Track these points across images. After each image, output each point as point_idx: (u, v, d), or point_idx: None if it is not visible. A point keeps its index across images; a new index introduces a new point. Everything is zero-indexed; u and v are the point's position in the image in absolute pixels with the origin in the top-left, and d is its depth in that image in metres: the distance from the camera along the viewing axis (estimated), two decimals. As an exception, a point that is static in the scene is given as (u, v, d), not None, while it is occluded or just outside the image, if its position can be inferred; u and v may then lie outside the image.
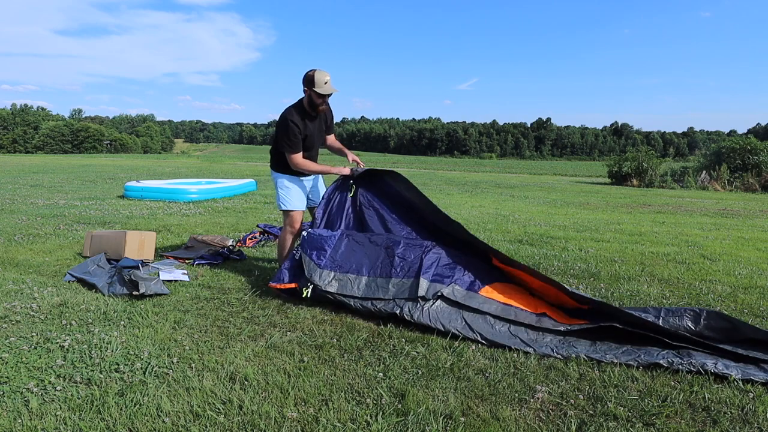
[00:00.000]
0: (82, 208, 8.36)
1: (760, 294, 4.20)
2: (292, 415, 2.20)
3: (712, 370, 2.61)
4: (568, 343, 2.94)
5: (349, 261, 3.58)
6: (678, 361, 2.68)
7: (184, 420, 2.16)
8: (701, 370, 2.62)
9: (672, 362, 2.68)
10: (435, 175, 25.22)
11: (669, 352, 2.77)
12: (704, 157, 22.38)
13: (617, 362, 2.73)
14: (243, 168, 25.02)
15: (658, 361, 2.69)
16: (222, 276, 4.35)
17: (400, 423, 2.18)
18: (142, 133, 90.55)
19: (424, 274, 3.36)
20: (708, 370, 2.61)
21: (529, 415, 2.27)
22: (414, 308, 3.22)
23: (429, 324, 3.13)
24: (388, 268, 3.45)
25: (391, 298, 3.31)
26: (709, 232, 7.59)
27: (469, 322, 3.10)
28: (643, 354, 2.77)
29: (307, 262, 3.64)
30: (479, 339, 3.00)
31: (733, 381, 2.55)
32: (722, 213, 10.60)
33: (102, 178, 15.79)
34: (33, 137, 68.33)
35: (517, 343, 2.94)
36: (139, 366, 2.60)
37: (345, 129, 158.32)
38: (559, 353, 2.83)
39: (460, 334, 3.04)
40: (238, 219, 7.69)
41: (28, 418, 2.13)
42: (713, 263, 5.36)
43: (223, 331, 3.13)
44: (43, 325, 3.11)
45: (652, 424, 2.21)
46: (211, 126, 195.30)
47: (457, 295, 3.26)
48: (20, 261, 4.70)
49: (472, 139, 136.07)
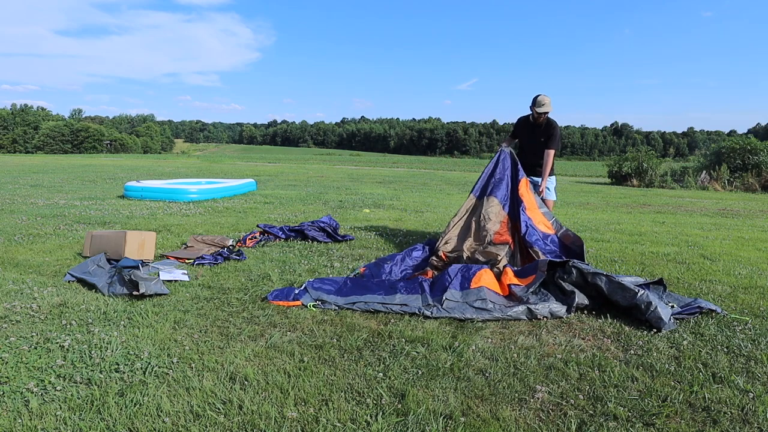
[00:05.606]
0: (82, 208, 8.36)
1: (760, 294, 4.20)
2: (292, 415, 2.20)
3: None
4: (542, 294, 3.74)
5: (358, 291, 3.89)
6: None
7: (184, 420, 2.16)
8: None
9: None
10: (435, 175, 25.21)
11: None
12: (704, 157, 22.38)
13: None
14: (243, 168, 25.02)
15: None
16: (222, 276, 4.35)
17: (400, 423, 2.18)
18: (142, 133, 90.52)
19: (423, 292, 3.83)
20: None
21: (529, 415, 2.27)
22: (428, 309, 3.53)
23: (448, 316, 3.48)
24: (392, 291, 3.82)
25: (398, 303, 3.64)
26: (709, 232, 7.59)
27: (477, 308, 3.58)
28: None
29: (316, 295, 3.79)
30: (489, 318, 3.45)
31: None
32: (722, 213, 10.60)
33: (102, 178, 15.79)
34: (33, 137, 68.29)
35: (517, 312, 3.49)
36: (139, 366, 2.60)
37: (345, 129, 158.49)
38: (537, 306, 3.53)
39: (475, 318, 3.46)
40: (238, 219, 7.69)
41: (28, 418, 2.13)
42: (713, 263, 5.36)
43: (223, 331, 3.13)
44: (43, 325, 3.12)
45: (652, 424, 2.21)
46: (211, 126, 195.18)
47: (456, 296, 3.66)
48: (20, 261, 4.70)
49: (472, 139, 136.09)
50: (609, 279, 3.60)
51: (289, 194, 12.04)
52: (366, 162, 44.15)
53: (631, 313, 3.47)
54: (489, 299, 3.61)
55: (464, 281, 3.82)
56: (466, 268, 3.99)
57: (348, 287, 3.87)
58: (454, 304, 3.57)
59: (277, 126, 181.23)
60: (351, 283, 3.98)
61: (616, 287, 3.54)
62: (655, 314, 3.30)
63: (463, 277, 3.86)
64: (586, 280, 3.67)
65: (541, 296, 3.71)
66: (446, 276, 3.92)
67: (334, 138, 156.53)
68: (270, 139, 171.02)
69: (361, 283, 3.98)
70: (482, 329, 3.26)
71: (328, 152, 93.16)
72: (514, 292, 3.79)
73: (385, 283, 4.02)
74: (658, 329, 3.26)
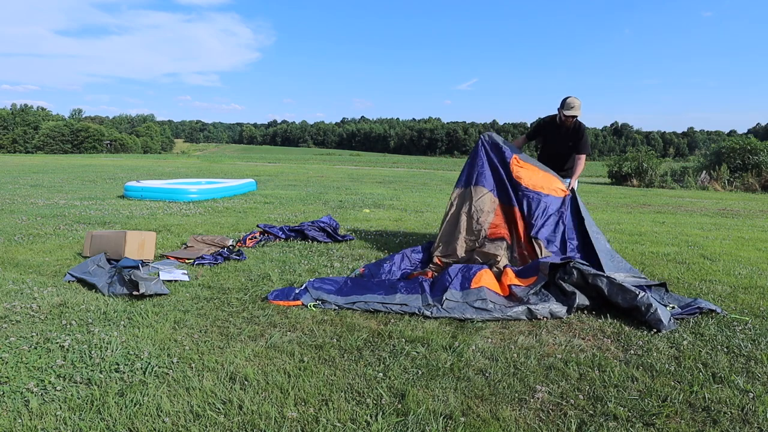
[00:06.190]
0: (82, 208, 8.36)
1: (760, 294, 4.20)
2: (292, 415, 2.20)
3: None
4: (541, 294, 3.75)
5: (358, 291, 3.88)
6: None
7: (184, 420, 2.16)
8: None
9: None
10: (435, 175, 25.19)
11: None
12: (704, 157, 22.37)
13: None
14: (243, 168, 25.02)
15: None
16: (222, 276, 4.35)
17: (400, 423, 2.18)
18: (142, 133, 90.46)
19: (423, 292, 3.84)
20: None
21: (529, 415, 2.27)
22: (428, 309, 3.53)
23: (448, 316, 3.48)
24: (392, 291, 3.82)
25: (398, 303, 3.64)
26: (709, 232, 7.59)
27: (476, 308, 3.58)
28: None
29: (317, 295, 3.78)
30: (489, 318, 3.45)
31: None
32: (722, 213, 10.60)
33: (102, 178, 15.79)
34: (33, 137, 68.26)
35: (517, 312, 3.49)
36: (139, 366, 2.60)
37: (345, 129, 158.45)
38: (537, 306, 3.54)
39: (475, 319, 3.45)
40: (238, 219, 7.69)
41: (28, 418, 2.13)
42: (713, 263, 5.36)
43: (223, 331, 3.13)
44: (43, 325, 3.12)
45: (652, 424, 2.21)
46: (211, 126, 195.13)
47: (456, 296, 3.67)
48: (20, 261, 4.70)
49: (472, 139, 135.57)
50: (610, 281, 3.61)
51: (289, 194, 12.04)
52: (366, 162, 44.13)
53: (632, 314, 3.47)
54: (489, 299, 3.61)
55: (464, 281, 3.82)
56: (467, 268, 3.99)
57: (348, 287, 3.88)
58: (454, 304, 3.57)
59: (277, 126, 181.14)
60: (351, 282, 3.98)
61: (617, 289, 3.54)
62: (655, 316, 3.31)
63: (464, 277, 3.86)
64: (586, 281, 3.67)
65: (541, 296, 3.71)
66: (446, 276, 3.92)
67: (334, 138, 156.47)
68: (270, 139, 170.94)
69: (362, 283, 3.98)
70: (482, 329, 3.26)
71: (328, 152, 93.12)
72: (515, 292, 3.79)
73: (385, 282, 4.03)
74: (657, 330, 3.26)
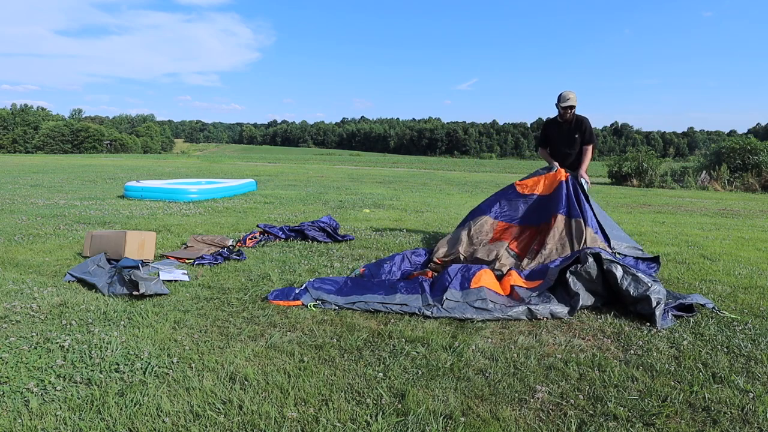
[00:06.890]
0: (82, 208, 8.36)
1: (760, 294, 4.20)
2: (292, 415, 2.20)
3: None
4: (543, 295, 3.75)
5: (358, 291, 3.87)
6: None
7: (184, 420, 2.16)
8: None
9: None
10: (435, 175, 25.18)
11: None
12: (704, 157, 22.36)
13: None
14: (243, 168, 25.02)
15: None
16: (222, 276, 4.35)
17: (400, 423, 2.18)
18: (142, 133, 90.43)
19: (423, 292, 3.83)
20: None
21: (529, 415, 2.27)
22: (428, 309, 3.53)
23: (448, 316, 3.47)
24: (392, 291, 3.81)
25: (398, 303, 3.63)
26: (709, 232, 7.59)
27: (477, 308, 3.57)
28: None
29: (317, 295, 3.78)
30: (489, 318, 3.45)
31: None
32: (722, 213, 10.60)
33: (102, 178, 15.79)
34: (33, 137, 68.23)
35: (518, 312, 3.49)
36: (139, 366, 2.60)
37: (345, 129, 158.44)
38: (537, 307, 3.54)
39: (475, 319, 3.45)
40: (238, 219, 7.69)
41: (28, 418, 2.13)
42: (713, 263, 5.36)
43: (223, 331, 3.13)
44: (43, 325, 3.12)
45: (652, 424, 2.21)
46: (211, 126, 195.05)
47: (456, 296, 3.68)
48: (20, 261, 4.70)
49: (472, 139, 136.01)
50: (625, 269, 3.65)
51: (289, 194, 12.04)
52: (366, 162, 44.11)
53: (636, 305, 3.51)
54: (489, 299, 3.61)
55: (464, 281, 3.82)
56: (466, 268, 3.99)
57: (348, 287, 3.88)
58: (454, 303, 3.57)
59: (277, 126, 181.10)
60: (351, 283, 3.98)
61: (631, 278, 3.59)
62: (659, 311, 3.39)
63: (463, 277, 3.86)
64: (601, 267, 3.69)
65: (542, 297, 3.71)
66: (446, 276, 3.92)
67: (334, 138, 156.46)
68: (270, 139, 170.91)
69: (362, 283, 3.98)
70: (482, 329, 3.26)
71: (328, 152, 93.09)
72: (517, 292, 3.80)
73: (385, 282, 4.03)
74: (652, 324, 3.36)
